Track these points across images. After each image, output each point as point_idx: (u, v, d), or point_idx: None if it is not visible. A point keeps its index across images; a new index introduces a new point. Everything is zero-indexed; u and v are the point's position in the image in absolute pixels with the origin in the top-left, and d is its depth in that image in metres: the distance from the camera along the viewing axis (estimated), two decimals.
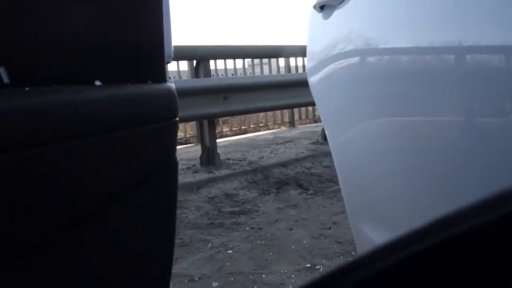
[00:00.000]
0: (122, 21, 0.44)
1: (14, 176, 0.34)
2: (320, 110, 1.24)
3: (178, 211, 2.74)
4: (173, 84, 0.48)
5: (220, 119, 5.17)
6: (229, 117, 5.25)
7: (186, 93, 3.34)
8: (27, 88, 0.36)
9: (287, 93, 4.15)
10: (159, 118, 0.45)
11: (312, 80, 1.20)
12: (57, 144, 0.36)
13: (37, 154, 0.35)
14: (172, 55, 0.54)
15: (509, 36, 0.55)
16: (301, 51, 4.88)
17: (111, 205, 0.42)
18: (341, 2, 0.97)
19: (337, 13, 1.00)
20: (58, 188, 0.37)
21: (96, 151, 0.40)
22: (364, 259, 0.20)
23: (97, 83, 0.41)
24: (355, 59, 0.94)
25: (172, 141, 0.47)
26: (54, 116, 0.36)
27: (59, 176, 0.37)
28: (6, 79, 0.35)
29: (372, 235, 0.97)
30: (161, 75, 0.46)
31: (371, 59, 0.91)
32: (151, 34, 0.46)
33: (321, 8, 1.08)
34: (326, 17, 1.05)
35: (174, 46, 0.63)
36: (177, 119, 0.47)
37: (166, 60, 0.48)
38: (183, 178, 3.39)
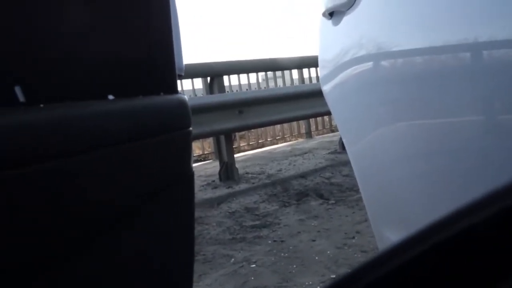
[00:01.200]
0: (133, 36, 0.44)
1: (31, 190, 0.34)
2: (336, 118, 1.23)
3: (199, 228, 2.74)
4: (185, 96, 0.49)
5: (237, 134, 5.18)
6: (246, 132, 5.27)
7: (201, 109, 3.37)
8: (41, 105, 0.36)
9: (302, 104, 4.15)
10: (172, 128, 0.45)
11: (326, 88, 1.20)
12: (72, 157, 0.36)
13: (54, 168, 0.35)
14: (183, 67, 0.55)
15: None
16: (313, 62, 4.88)
17: (128, 218, 0.42)
18: (350, 7, 0.97)
19: (347, 19, 1.00)
20: (74, 201, 0.38)
21: (112, 164, 0.40)
22: (372, 262, 0.20)
23: (110, 97, 0.42)
24: (368, 64, 0.94)
25: (187, 151, 0.47)
26: (69, 131, 0.37)
27: (75, 190, 0.37)
28: (21, 98, 0.36)
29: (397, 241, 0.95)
30: (173, 87, 0.46)
31: (384, 63, 0.90)
32: (161, 47, 0.47)
33: (330, 15, 1.08)
34: (336, 23, 1.05)
35: (188, 64, 0.63)
36: (191, 129, 0.47)
37: (177, 72, 0.49)
38: (203, 194, 3.40)
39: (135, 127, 0.42)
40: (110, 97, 0.41)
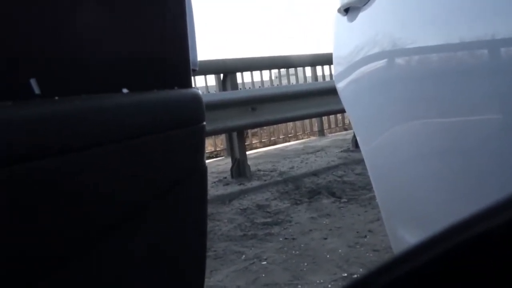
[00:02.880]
0: (147, 30, 0.44)
1: (45, 183, 0.34)
2: (350, 116, 1.22)
3: (210, 224, 2.75)
4: (198, 90, 0.49)
5: (249, 131, 5.18)
6: (258, 129, 5.26)
7: (214, 106, 3.37)
8: (56, 98, 0.36)
9: (315, 102, 4.13)
10: (186, 123, 0.45)
11: (340, 85, 1.18)
12: (86, 151, 0.36)
13: (67, 162, 0.35)
14: (197, 62, 0.54)
15: None
16: (327, 59, 4.86)
17: (141, 213, 0.42)
18: (366, 3, 0.95)
19: (363, 15, 0.98)
20: (88, 196, 0.38)
21: (126, 158, 0.40)
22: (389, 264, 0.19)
23: (125, 90, 0.41)
24: (384, 61, 0.92)
25: (200, 145, 0.47)
26: (84, 124, 0.37)
27: (88, 184, 0.37)
28: (37, 90, 0.36)
29: (411, 240, 0.94)
30: (187, 81, 0.46)
31: (400, 60, 0.88)
32: (176, 41, 0.46)
33: (346, 11, 1.06)
34: (351, 19, 1.04)
35: (201, 61, 0.63)
36: (204, 123, 0.47)
37: (191, 67, 0.48)
38: (214, 190, 3.41)
39: (149, 121, 0.42)
40: (124, 90, 0.41)
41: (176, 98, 0.45)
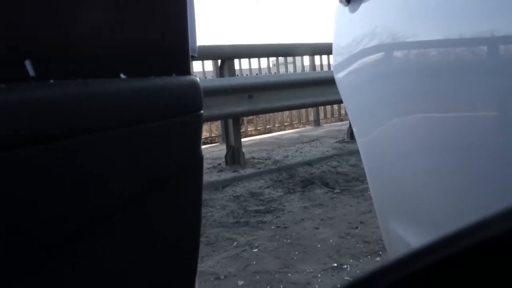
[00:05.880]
0: (146, 14, 0.43)
1: (34, 170, 0.33)
2: (347, 107, 1.22)
3: (203, 210, 2.75)
4: (197, 77, 0.48)
5: (245, 119, 5.17)
6: (254, 117, 5.25)
7: (211, 92, 3.35)
8: (51, 81, 0.35)
9: (312, 92, 4.11)
10: (184, 111, 0.44)
11: (339, 76, 1.18)
12: (81, 137, 0.36)
13: (59, 148, 0.34)
14: (197, 48, 0.53)
15: None
16: (325, 49, 4.83)
17: (138, 200, 0.42)
18: None
19: (365, 6, 0.97)
20: (81, 185, 0.37)
21: (121, 145, 0.39)
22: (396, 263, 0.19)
23: (122, 76, 0.41)
24: (384, 54, 0.92)
25: (197, 134, 0.46)
26: (79, 109, 0.36)
27: (81, 173, 0.37)
28: (31, 73, 0.35)
29: (403, 234, 0.95)
30: (186, 68, 0.45)
31: (400, 53, 0.88)
32: (175, 27, 0.45)
33: (348, 1, 1.05)
34: (353, 10, 1.03)
35: (199, 46, 0.62)
36: (202, 112, 0.46)
37: (190, 53, 0.47)
38: (208, 177, 3.41)
39: (145, 108, 0.41)
40: (122, 76, 0.40)
41: (174, 85, 0.44)
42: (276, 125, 5.72)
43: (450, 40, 0.70)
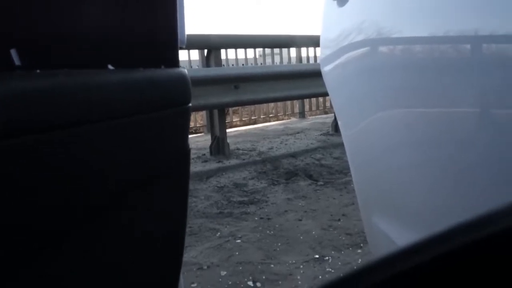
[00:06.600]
0: (135, 6, 0.43)
1: (17, 163, 0.33)
2: (333, 100, 1.22)
3: None
4: (185, 70, 0.47)
5: (230, 109, 5.15)
6: (239, 107, 5.24)
7: (197, 82, 3.33)
8: (38, 71, 0.35)
9: (298, 84, 4.12)
10: (172, 103, 0.44)
11: (326, 69, 1.18)
12: (67, 129, 0.35)
13: (44, 141, 0.34)
14: (185, 40, 0.53)
15: None
16: (312, 42, 4.83)
17: (125, 193, 0.42)
18: None
19: (353, 0, 0.97)
20: (70, 176, 0.37)
21: (108, 138, 0.39)
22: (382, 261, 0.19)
23: (110, 67, 0.40)
24: (371, 48, 0.92)
25: (184, 127, 0.46)
26: (65, 100, 0.35)
27: (68, 165, 0.36)
28: (17, 62, 0.34)
29: (384, 227, 0.96)
30: (174, 60, 0.45)
31: (387, 48, 0.88)
32: (164, 19, 0.45)
33: None
34: (341, 4, 1.03)
35: (186, 35, 0.61)
36: (190, 105, 0.46)
37: (179, 45, 0.47)
38: (193, 167, 3.40)
39: (133, 100, 0.41)
40: (110, 67, 0.40)
41: (163, 77, 0.44)
42: (262, 117, 5.72)
43: (437, 36, 0.71)
